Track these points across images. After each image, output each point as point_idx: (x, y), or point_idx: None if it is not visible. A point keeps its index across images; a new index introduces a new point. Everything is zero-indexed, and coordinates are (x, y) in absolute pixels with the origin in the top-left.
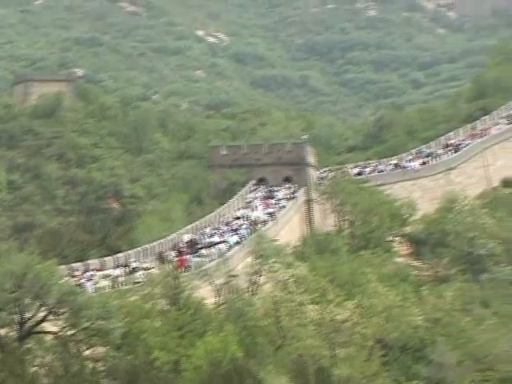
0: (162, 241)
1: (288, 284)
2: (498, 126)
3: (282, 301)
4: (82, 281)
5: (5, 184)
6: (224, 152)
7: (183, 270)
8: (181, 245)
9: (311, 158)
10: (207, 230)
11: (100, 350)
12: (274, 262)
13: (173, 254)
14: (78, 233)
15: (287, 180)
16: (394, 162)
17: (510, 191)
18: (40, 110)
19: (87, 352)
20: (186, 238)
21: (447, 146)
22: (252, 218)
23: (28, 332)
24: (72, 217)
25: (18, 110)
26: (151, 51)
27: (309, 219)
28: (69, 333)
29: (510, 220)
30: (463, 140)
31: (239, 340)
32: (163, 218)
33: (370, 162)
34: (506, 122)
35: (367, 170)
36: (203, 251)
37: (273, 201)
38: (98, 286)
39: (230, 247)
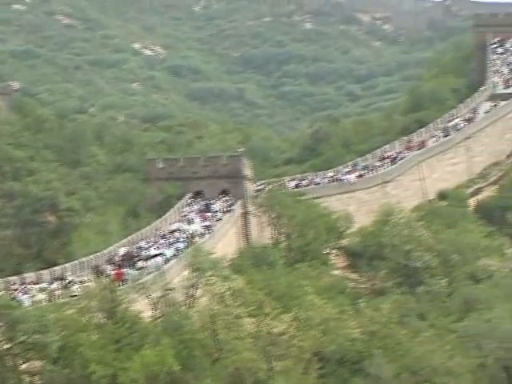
0: (98, 254)
1: (225, 297)
2: (434, 139)
3: (219, 314)
4: (18, 294)
5: None
6: (160, 165)
7: (120, 283)
8: (117, 258)
9: (248, 171)
10: (144, 243)
11: (37, 363)
12: (211, 275)
13: (109, 267)
14: (14, 246)
15: (224, 193)
16: (331, 174)
17: (445, 204)
18: None
19: (24, 366)
20: (123, 251)
21: (383, 158)
22: (189, 231)
23: None
24: (8, 230)
25: None
26: (87, 64)
27: (246, 232)
28: (5, 347)
29: (446, 232)
30: (399, 152)
31: (176, 353)
32: (100, 231)
33: (307, 174)
34: (442, 134)
35: (304, 182)
36: (140, 264)
37: (209, 214)
38: (34, 299)
39: (167, 260)
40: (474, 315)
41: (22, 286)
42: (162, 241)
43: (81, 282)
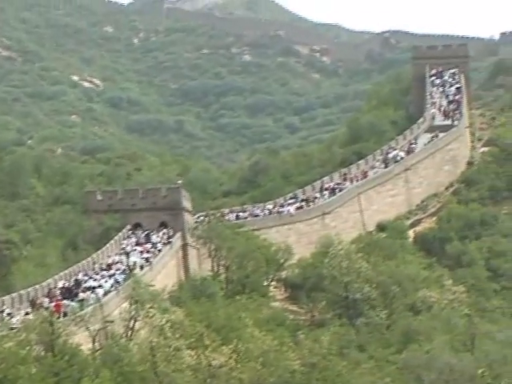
0: (37, 286)
1: (164, 329)
2: (373, 170)
3: (159, 346)
4: None
5: None
6: (99, 197)
7: (59, 315)
8: (56, 290)
9: (187, 203)
10: (83, 276)
11: None
12: (150, 308)
13: (48, 299)
14: None
15: (163, 225)
16: (270, 206)
17: (385, 235)
18: None
19: None
20: (61, 283)
21: (323, 190)
22: (128, 263)
23: None
24: None
25: None
26: (26, 96)
27: (185, 264)
28: None
29: (385, 264)
30: (339, 184)
31: None
32: (39, 264)
33: (246, 206)
34: (381, 166)
35: (243, 214)
36: (79, 296)
37: (149, 246)
38: None
39: (106, 293)
40: (414, 347)
41: None
42: (101, 273)
43: (20, 315)
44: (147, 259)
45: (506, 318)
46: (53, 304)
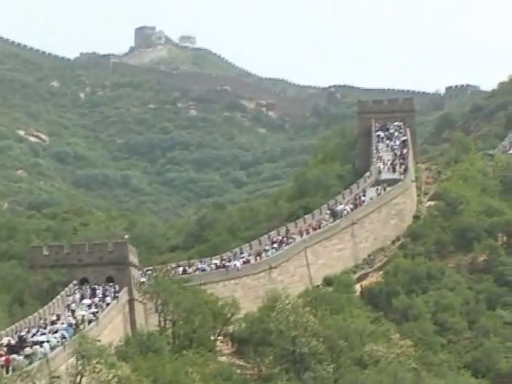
0: None
1: None
2: (320, 224)
3: None
4: None
5: None
6: (46, 252)
7: (7, 370)
8: (2, 346)
9: (133, 258)
10: (29, 331)
11: None
12: (97, 363)
13: None
14: None
15: (110, 280)
16: (217, 261)
17: (331, 289)
18: None
19: None
20: (7, 339)
21: (270, 244)
22: (74, 318)
23: None
24: None
25: None
26: None
27: (131, 319)
28: None
29: (332, 318)
30: (286, 238)
31: None
32: None
33: (193, 261)
34: (328, 220)
35: (190, 269)
36: (25, 351)
37: (95, 301)
38: None
39: (53, 348)
40: None
41: None
42: (48, 328)
43: None
44: (93, 314)
45: (452, 372)
46: (2, 358)
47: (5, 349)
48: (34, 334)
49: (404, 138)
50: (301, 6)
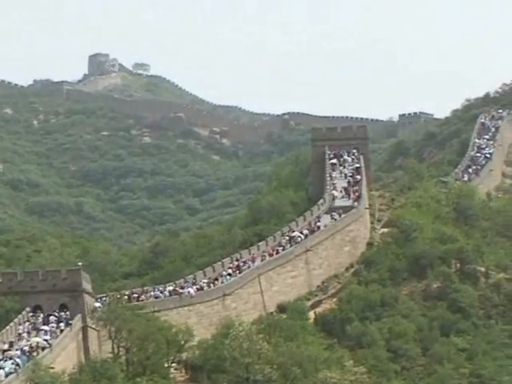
0: None
1: None
2: (274, 251)
3: None
4: None
5: None
6: None
7: None
8: None
9: (87, 285)
10: None
11: None
12: None
13: None
14: None
15: (63, 307)
16: (170, 288)
17: (285, 316)
18: None
19: None
20: None
21: (224, 271)
22: (28, 346)
23: None
24: None
25: None
26: None
27: (85, 346)
28: None
29: (285, 345)
30: (240, 265)
31: None
32: None
33: (146, 288)
34: (282, 247)
35: (143, 296)
36: None
37: (48, 328)
38: None
39: (6, 375)
40: None
41: None
42: (1, 355)
43: None
44: (47, 341)
45: None
46: None
47: None
48: None
49: (357, 165)
50: (253, 34)
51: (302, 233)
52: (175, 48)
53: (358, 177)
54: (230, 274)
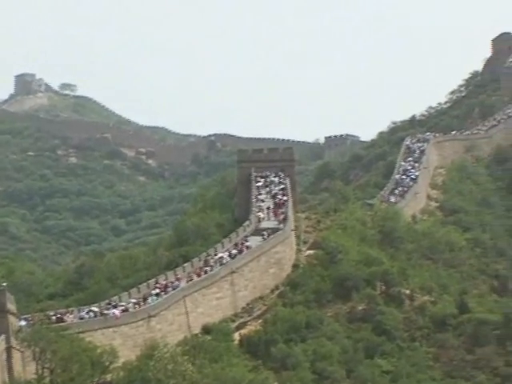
0: None
1: None
2: (201, 272)
3: None
4: None
5: None
6: None
7: None
8: None
9: (11, 306)
10: None
11: None
12: None
13: None
14: None
15: None
16: (95, 309)
17: (210, 338)
18: None
19: None
20: None
21: (150, 291)
22: None
23: None
24: None
25: None
26: None
27: (9, 367)
28: None
29: (210, 367)
30: (165, 287)
31: None
32: None
33: (71, 309)
34: (207, 269)
35: (68, 317)
36: None
37: None
38: None
39: None
40: None
41: None
42: None
43: None
44: None
45: None
46: None
47: None
48: None
49: (283, 186)
50: (179, 55)
51: (230, 254)
52: (102, 69)
53: (285, 198)
54: (158, 294)
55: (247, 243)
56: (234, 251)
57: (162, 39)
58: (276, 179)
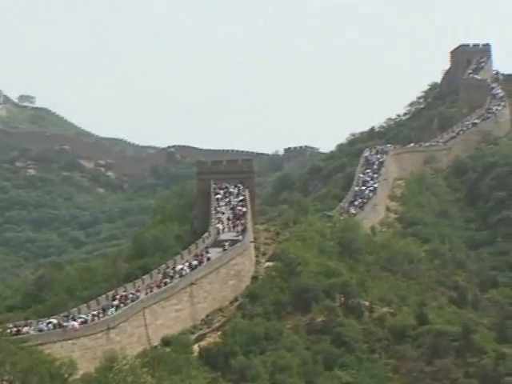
0: None
1: None
2: (160, 284)
3: None
4: None
5: None
6: None
7: None
8: None
9: None
10: None
11: None
12: None
13: None
14: None
15: None
16: (54, 321)
17: (169, 350)
18: None
19: None
20: None
21: (109, 303)
22: None
23: None
24: None
25: None
26: None
27: None
28: None
29: (169, 379)
30: (124, 298)
31: None
32: None
33: (30, 321)
34: (166, 280)
35: (27, 329)
36: None
37: None
38: None
39: None
40: None
41: None
42: None
43: None
44: None
45: None
46: None
47: None
48: None
49: (243, 198)
50: (138, 69)
51: (190, 265)
52: (61, 80)
53: (244, 209)
54: (117, 306)
55: (208, 254)
56: (195, 262)
57: (121, 50)
58: (235, 190)
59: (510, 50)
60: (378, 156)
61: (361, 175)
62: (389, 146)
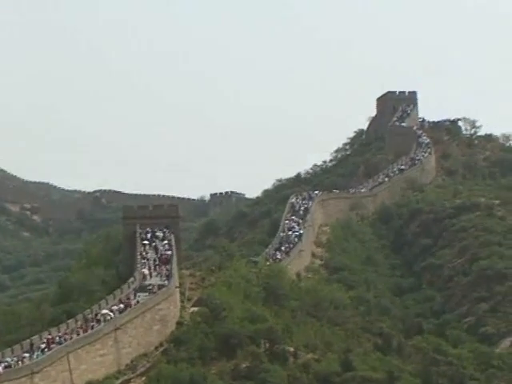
0: None
1: None
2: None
3: None
4: None
5: None
6: None
7: None
8: None
9: None
10: None
11: None
12: None
13: None
14: None
15: None
16: None
17: None
18: None
19: None
20: None
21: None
22: None
23: None
24: None
25: None
26: None
27: None
28: None
29: None
30: (48, 343)
31: None
32: None
33: None
34: (91, 324)
35: None
36: None
37: None
38: None
39: None
40: None
41: None
42: None
43: None
44: None
45: None
46: None
47: None
48: None
49: (168, 243)
50: (62, 115)
51: (116, 309)
52: None
53: (169, 252)
54: (42, 350)
55: (137, 298)
56: (122, 306)
57: (49, 91)
58: (161, 234)
59: (435, 97)
60: (304, 202)
61: (287, 221)
62: (315, 192)
